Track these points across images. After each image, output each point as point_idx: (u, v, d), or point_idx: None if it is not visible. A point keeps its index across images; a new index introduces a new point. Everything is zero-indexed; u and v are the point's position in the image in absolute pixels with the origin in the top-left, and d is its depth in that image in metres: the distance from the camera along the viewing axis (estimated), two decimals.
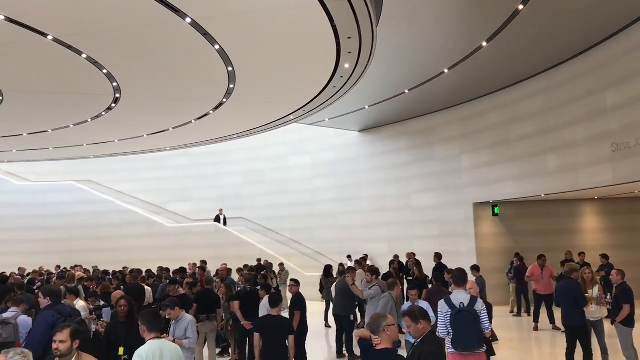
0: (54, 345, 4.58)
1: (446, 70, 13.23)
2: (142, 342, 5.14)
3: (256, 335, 6.92)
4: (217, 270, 14.07)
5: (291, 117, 15.44)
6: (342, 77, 11.46)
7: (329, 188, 21.07)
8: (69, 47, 9.29)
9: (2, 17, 8.00)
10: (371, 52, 10.17)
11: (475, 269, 11.80)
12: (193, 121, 15.38)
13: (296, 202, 21.75)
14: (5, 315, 7.38)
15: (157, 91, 12.52)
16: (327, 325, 13.53)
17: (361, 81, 12.12)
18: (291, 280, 9.43)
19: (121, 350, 6.07)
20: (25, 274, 16.19)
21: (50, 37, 8.83)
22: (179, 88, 12.32)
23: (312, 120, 17.83)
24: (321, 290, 14.50)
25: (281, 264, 17.15)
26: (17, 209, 23.46)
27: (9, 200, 23.65)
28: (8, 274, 14.21)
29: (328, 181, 21.13)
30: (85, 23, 8.53)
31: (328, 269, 14.62)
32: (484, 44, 11.62)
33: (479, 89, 15.42)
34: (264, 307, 8.46)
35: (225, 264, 14.45)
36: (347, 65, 10.70)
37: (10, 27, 8.33)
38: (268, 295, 7.83)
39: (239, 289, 11.36)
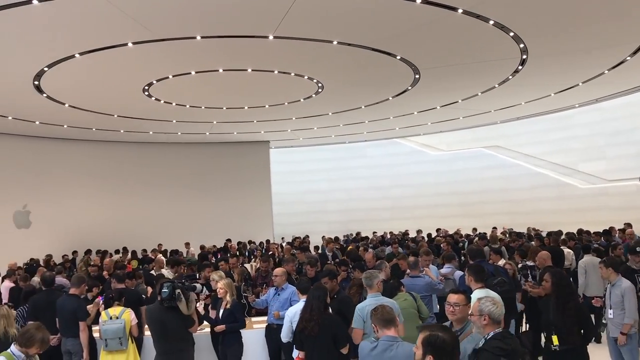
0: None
1: None
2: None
3: None
4: None
5: None
6: None
7: None
8: (477, 16, 9.58)
9: (419, 0, 8.77)
10: None
11: None
12: (606, 72, 14.04)
13: None
14: (443, 271, 8.22)
15: (565, 45, 11.82)
16: None
17: None
18: None
19: (555, 340, 5.32)
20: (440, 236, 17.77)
21: (460, 11, 9.27)
22: (589, 37, 11.36)
23: None
24: None
25: None
26: (433, 177, 25.68)
27: (425, 169, 26.08)
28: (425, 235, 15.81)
29: None
30: None
31: None
32: None
33: None
34: None
35: None
36: None
37: (426, 8, 9.08)
38: None
39: None
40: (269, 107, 16.62)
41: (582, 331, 5.29)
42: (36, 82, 12.31)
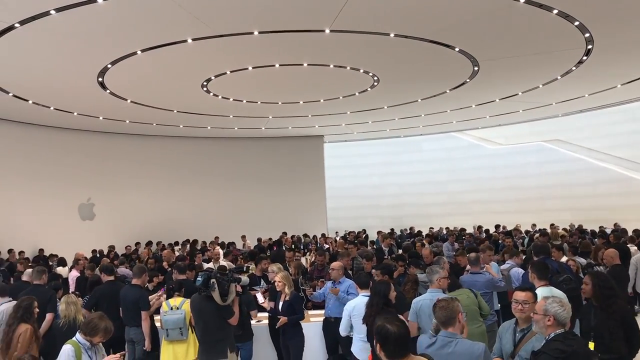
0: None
1: None
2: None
3: None
4: None
5: None
6: None
7: None
8: (540, 5, 9.26)
9: None
10: None
11: None
12: None
13: None
14: (504, 267, 8.02)
15: (634, 33, 11.28)
16: None
17: None
18: None
19: (591, 346, 4.71)
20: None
21: (521, 0, 8.98)
22: None
23: None
24: None
25: None
26: (490, 171, 25.03)
27: (482, 163, 25.44)
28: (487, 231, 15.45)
29: None
30: None
31: None
32: None
33: None
34: None
35: None
36: None
37: None
38: None
39: None
40: (324, 102, 16.63)
41: (627, 339, 4.80)
42: (100, 79, 12.73)
